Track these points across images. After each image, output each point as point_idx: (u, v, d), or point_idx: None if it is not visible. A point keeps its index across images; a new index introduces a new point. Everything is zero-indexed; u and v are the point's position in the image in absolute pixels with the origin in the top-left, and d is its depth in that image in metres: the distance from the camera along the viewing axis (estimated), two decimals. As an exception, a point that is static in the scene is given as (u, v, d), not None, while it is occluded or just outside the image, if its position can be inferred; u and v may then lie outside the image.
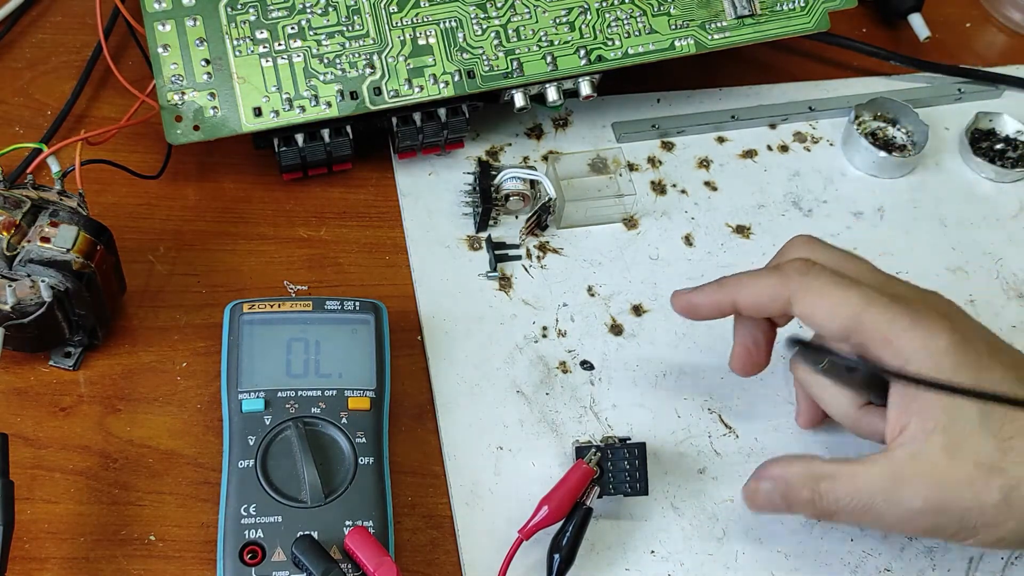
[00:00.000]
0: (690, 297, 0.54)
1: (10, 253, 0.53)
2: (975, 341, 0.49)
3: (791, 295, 0.51)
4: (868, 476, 0.49)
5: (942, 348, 0.48)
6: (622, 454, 0.55)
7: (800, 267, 0.51)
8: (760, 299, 0.52)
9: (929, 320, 0.49)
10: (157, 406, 0.57)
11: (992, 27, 0.82)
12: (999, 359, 0.49)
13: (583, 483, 0.54)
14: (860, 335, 0.49)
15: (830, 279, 0.50)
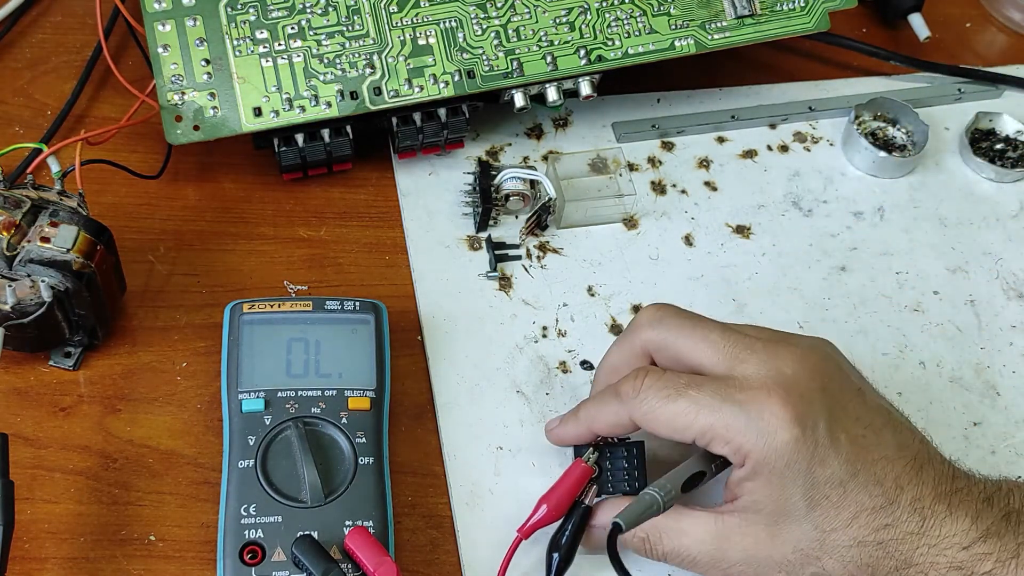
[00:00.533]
0: (558, 432, 0.56)
1: (10, 253, 0.53)
2: (817, 431, 0.49)
3: (632, 418, 0.52)
4: (695, 535, 0.51)
5: (778, 448, 0.49)
6: (620, 453, 0.55)
7: (630, 390, 0.52)
8: (612, 427, 0.54)
9: (768, 414, 0.49)
10: (157, 406, 0.57)
11: (992, 27, 0.82)
12: (839, 449, 0.49)
13: (581, 482, 0.54)
14: (702, 439, 0.50)
15: (658, 397, 0.51)
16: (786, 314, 0.64)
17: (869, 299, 0.65)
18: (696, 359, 0.52)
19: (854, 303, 0.65)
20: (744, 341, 0.52)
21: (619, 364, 0.55)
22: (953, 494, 0.49)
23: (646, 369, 0.52)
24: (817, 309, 0.64)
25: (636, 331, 0.54)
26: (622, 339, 0.55)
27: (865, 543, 0.49)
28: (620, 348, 0.55)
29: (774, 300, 0.64)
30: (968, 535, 0.48)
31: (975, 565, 0.48)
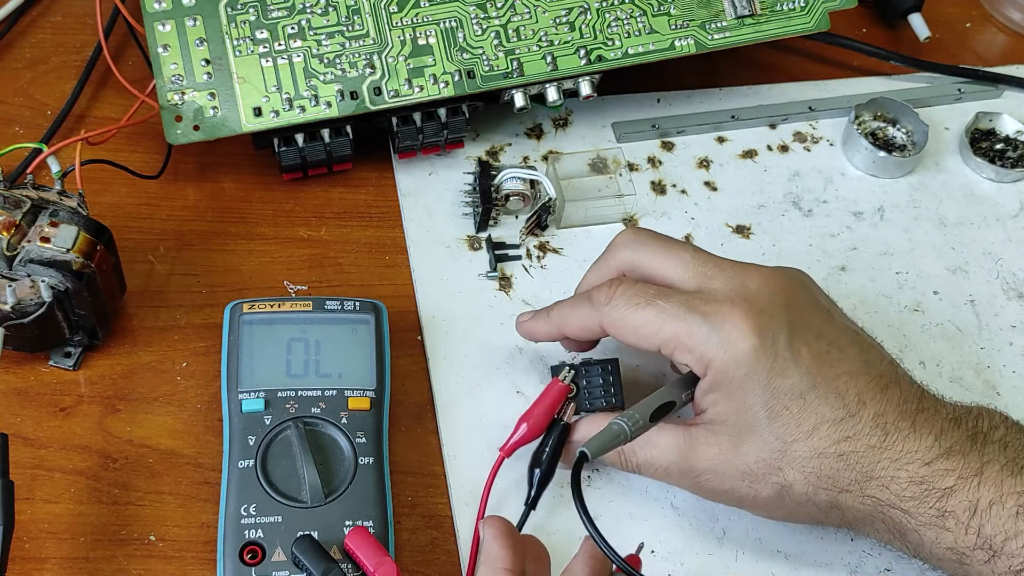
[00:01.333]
0: (528, 326, 0.58)
1: (10, 253, 0.53)
2: (777, 342, 0.51)
3: (602, 324, 0.54)
4: (664, 447, 0.53)
5: (738, 357, 0.50)
6: (596, 371, 0.57)
7: (603, 297, 0.54)
8: (582, 330, 0.55)
9: (729, 325, 0.51)
10: (157, 406, 0.57)
11: (992, 27, 0.82)
12: (799, 361, 0.51)
13: (559, 400, 0.56)
14: (666, 348, 0.52)
15: (628, 304, 0.53)
16: (786, 314, 0.64)
17: (869, 299, 0.65)
18: (667, 276, 0.54)
19: (854, 303, 0.65)
20: (714, 261, 0.54)
21: (596, 283, 0.56)
22: (919, 412, 0.51)
23: (620, 280, 0.54)
24: (817, 309, 0.64)
25: (612, 251, 0.56)
26: (599, 260, 0.57)
27: (825, 454, 0.50)
28: (597, 268, 0.57)
29: (774, 300, 0.64)
30: (931, 451, 0.49)
31: (936, 480, 0.49)
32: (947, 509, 0.49)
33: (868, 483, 0.50)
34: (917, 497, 0.49)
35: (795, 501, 0.51)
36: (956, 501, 0.49)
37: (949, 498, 0.49)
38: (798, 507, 0.52)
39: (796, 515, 0.52)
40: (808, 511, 0.52)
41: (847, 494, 0.50)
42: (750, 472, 0.51)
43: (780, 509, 0.52)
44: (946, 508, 0.49)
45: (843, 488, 0.50)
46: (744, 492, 0.52)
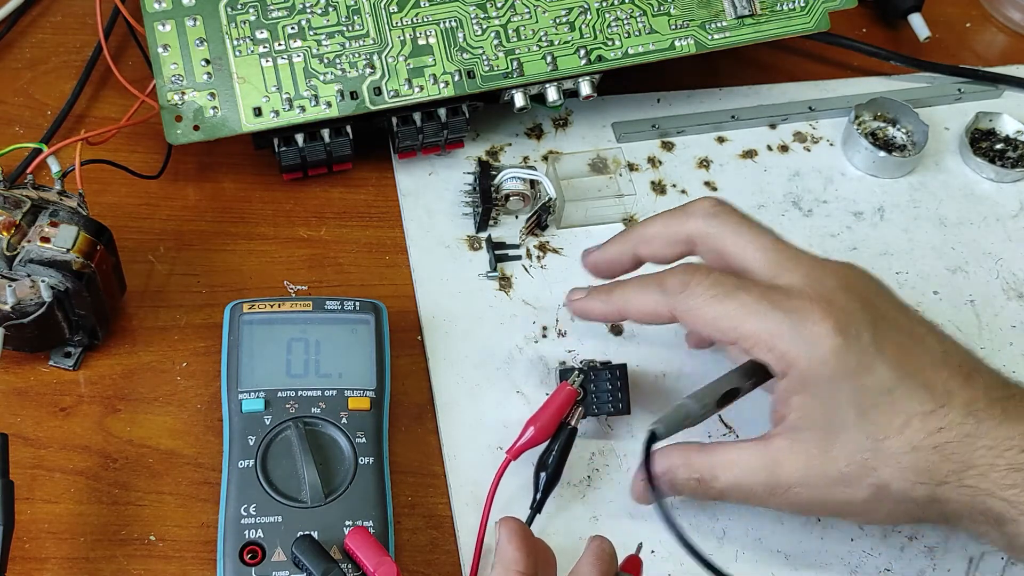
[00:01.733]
0: (583, 304, 0.56)
1: (10, 253, 0.53)
2: (861, 339, 0.49)
3: (673, 312, 0.52)
4: (747, 466, 0.51)
5: (822, 357, 0.49)
6: (604, 375, 0.57)
7: (678, 285, 0.52)
8: (648, 315, 0.54)
9: (811, 323, 0.49)
10: (157, 406, 0.57)
11: (992, 27, 0.82)
12: (884, 357, 0.49)
13: (567, 404, 0.56)
14: (745, 343, 0.51)
15: (706, 295, 0.51)
16: (786, 314, 0.64)
17: (869, 299, 0.65)
18: (744, 259, 0.52)
19: (854, 303, 0.65)
20: (792, 251, 0.52)
21: (656, 239, 0.54)
22: (1007, 400, 0.49)
23: (695, 267, 0.52)
24: (817, 309, 0.64)
25: (688, 217, 0.54)
26: (670, 218, 0.55)
27: (920, 448, 0.48)
28: (665, 226, 0.55)
29: (774, 300, 0.64)
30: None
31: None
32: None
33: (966, 473, 0.48)
34: (1018, 485, 0.48)
35: (893, 500, 0.49)
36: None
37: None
38: (896, 506, 0.50)
39: (895, 515, 0.51)
40: (907, 509, 0.50)
41: (945, 486, 0.49)
42: (843, 476, 0.49)
43: (878, 512, 0.50)
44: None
45: (941, 480, 0.49)
46: (839, 499, 0.50)
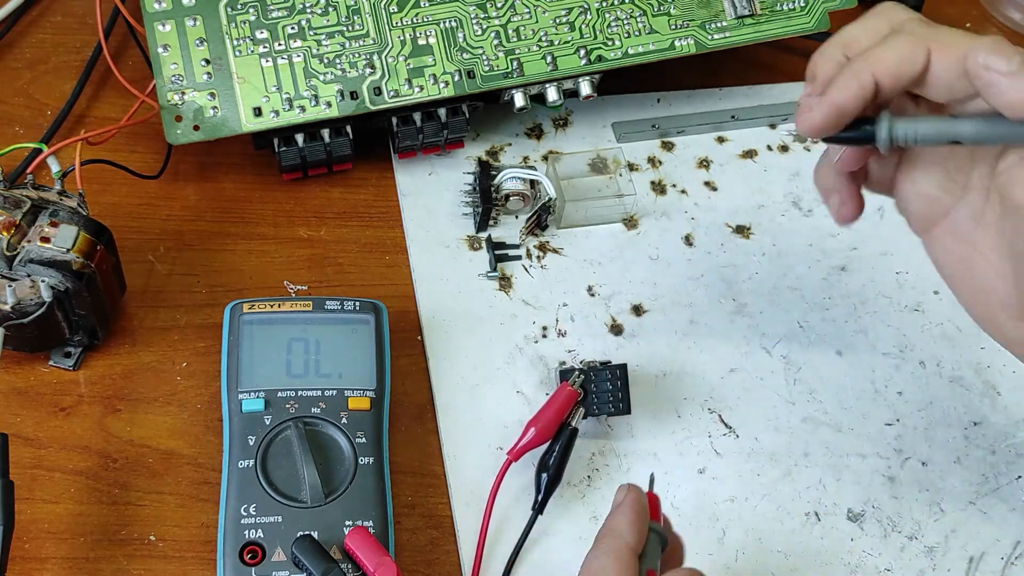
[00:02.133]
0: (831, 98, 0.48)
1: (10, 253, 0.53)
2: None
3: (930, 49, 0.48)
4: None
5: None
6: (605, 375, 0.57)
7: (920, 23, 0.48)
8: (901, 66, 0.47)
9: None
10: (157, 406, 0.57)
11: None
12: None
13: (568, 405, 0.56)
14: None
15: (950, 30, 0.48)
16: (786, 314, 0.64)
17: (869, 299, 0.65)
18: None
19: (854, 303, 0.65)
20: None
21: (887, 43, 0.48)
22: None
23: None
24: (817, 309, 0.64)
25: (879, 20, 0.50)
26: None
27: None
28: (885, 41, 0.48)
29: (774, 300, 0.64)
30: None
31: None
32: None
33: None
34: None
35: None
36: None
37: None
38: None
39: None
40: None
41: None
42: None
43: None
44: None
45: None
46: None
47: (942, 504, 0.58)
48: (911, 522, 0.57)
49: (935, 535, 0.57)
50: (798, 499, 0.58)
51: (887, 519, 0.57)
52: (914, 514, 0.58)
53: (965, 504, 0.58)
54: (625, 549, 0.45)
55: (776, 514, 0.57)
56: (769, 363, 0.62)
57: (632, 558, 0.45)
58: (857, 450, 0.59)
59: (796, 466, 0.59)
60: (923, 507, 0.58)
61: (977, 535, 0.57)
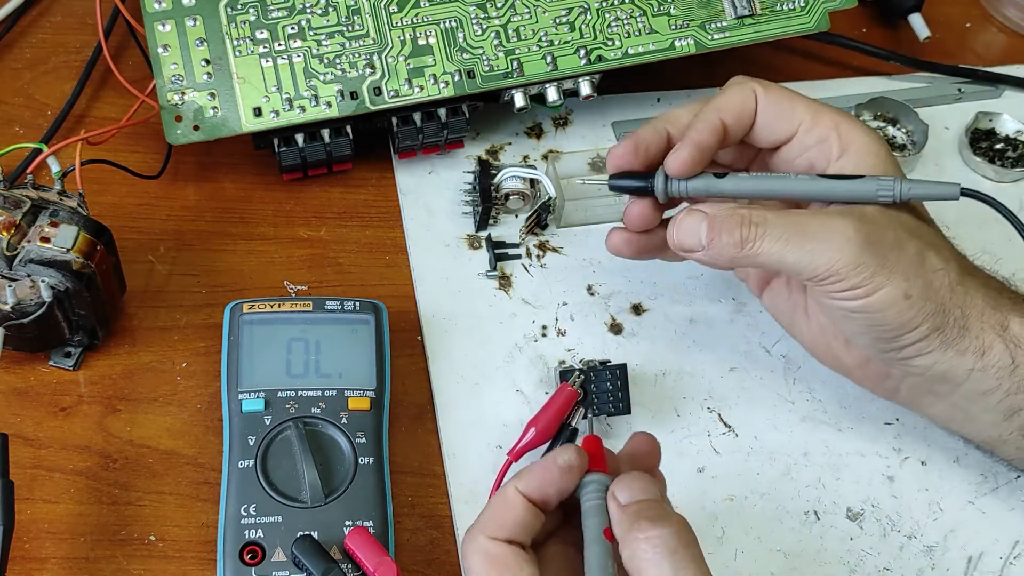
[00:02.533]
0: (692, 138, 0.55)
1: (10, 253, 0.54)
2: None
3: (759, 100, 0.56)
4: (801, 219, 0.52)
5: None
6: (604, 376, 0.57)
7: (747, 78, 0.57)
8: (742, 106, 0.56)
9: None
10: (157, 406, 0.57)
11: (992, 27, 0.82)
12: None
13: (568, 405, 0.56)
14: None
15: (780, 89, 0.57)
16: (786, 314, 0.64)
17: (869, 299, 0.65)
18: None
19: (854, 303, 0.65)
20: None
21: (685, 116, 0.56)
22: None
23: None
24: (817, 309, 0.64)
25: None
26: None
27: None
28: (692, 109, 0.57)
29: (774, 300, 0.64)
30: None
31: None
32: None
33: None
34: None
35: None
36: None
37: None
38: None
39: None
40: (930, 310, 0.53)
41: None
42: (897, 239, 0.53)
43: (917, 279, 0.52)
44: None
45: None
46: (889, 244, 0.52)
47: (941, 504, 0.58)
48: (910, 521, 0.57)
49: (934, 534, 0.57)
50: (797, 498, 0.58)
51: (886, 518, 0.57)
52: (913, 513, 0.58)
53: (964, 504, 0.58)
54: (508, 489, 0.45)
55: (775, 513, 0.57)
56: (769, 362, 0.62)
57: (515, 497, 0.45)
58: (856, 449, 0.59)
59: (795, 465, 0.59)
60: (922, 506, 0.58)
61: (976, 535, 0.57)
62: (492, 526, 0.45)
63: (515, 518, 0.45)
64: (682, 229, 0.54)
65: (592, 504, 0.45)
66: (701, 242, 0.53)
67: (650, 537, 0.43)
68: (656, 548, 0.43)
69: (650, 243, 0.58)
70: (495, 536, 0.44)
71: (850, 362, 0.57)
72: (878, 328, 0.53)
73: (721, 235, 0.52)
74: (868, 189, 0.53)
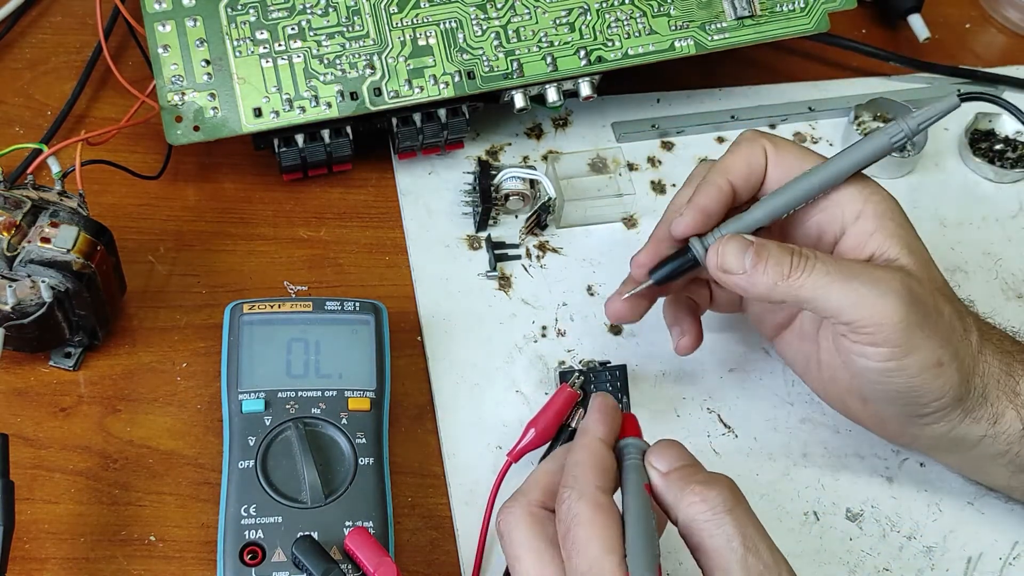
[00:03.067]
0: (696, 203, 0.54)
1: (10, 253, 0.54)
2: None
3: (768, 157, 0.54)
4: (850, 263, 0.51)
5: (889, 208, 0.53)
6: (604, 376, 0.58)
7: (758, 134, 0.55)
8: (750, 166, 0.54)
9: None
10: (157, 406, 0.57)
11: (992, 27, 0.82)
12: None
13: (568, 406, 0.56)
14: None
15: (792, 145, 0.55)
16: (785, 314, 0.64)
17: (868, 299, 0.65)
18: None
19: (853, 303, 0.65)
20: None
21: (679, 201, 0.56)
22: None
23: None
24: (816, 309, 0.64)
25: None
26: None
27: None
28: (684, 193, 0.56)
29: (773, 300, 0.64)
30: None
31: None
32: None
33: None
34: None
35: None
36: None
37: None
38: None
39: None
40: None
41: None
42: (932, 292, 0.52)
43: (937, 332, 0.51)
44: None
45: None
46: (929, 303, 0.51)
47: (940, 504, 0.58)
48: (910, 522, 0.58)
49: (934, 535, 0.57)
50: (797, 499, 0.58)
51: (886, 519, 0.58)
52: (912, 514, 0.58)
53: (963, 504, 0.58)
54: (597, 443, 0.47)
55: (775, 513, 0.57)
56: (768, 363, 0.62)
57: (602, 448, 0.47)
58: (855, 450, 0.59)
59: (795, 466, 0.59)
60: (921, 507, 0.58)
61: (975, 535, 0.57)
62: (596, 478, 0.45)
63: (613, 466, 0.47)
64: (727, 251, 0.52)
65: (632, 463, 0.47)
66: (744, 265, 0.51)
67: (707, 499, 0.44)
68: (715, 509, 0.44)
69: (649, 304, 0.58)
70: (602, 487, 0.45)
71: (864, 417, 0.56)
72: (904, 392, 0.51)
73: (768, 261, 0.51)
74: (882, 141, 0.52)
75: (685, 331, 0.58)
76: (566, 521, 0.44)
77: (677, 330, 0.58)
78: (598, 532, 0.44)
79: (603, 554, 0.43)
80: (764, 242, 0.51)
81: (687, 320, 0.58)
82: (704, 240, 0.54)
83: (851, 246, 0.52)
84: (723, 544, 0.44)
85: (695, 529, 0.45)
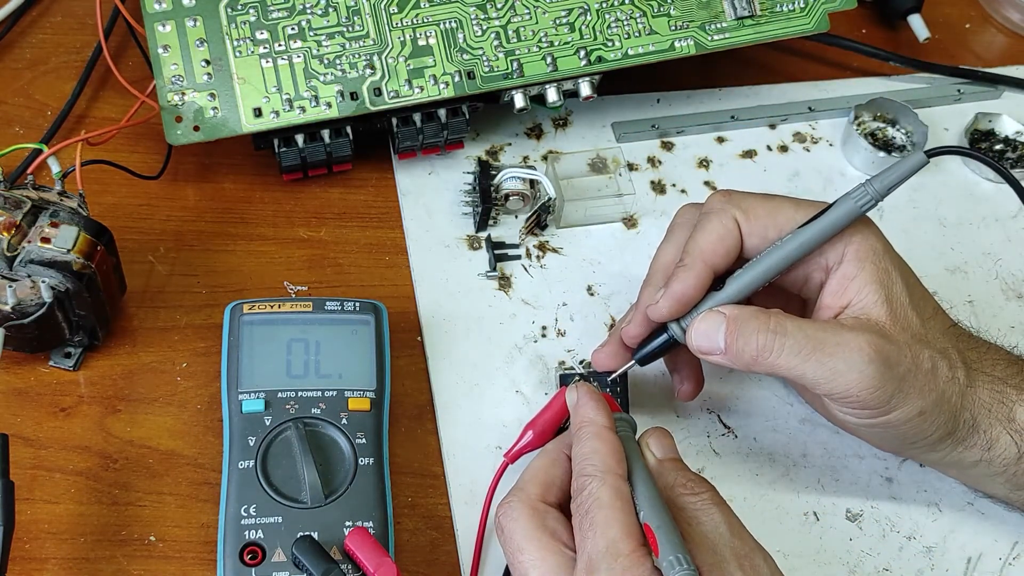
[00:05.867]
0: (672, 290, 0.54)
1: (10, 253, 0.54)
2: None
3: (741, 227, 0.54)
4: (820, 334, 0.51)
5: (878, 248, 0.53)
6: (604, 381, 0.57)
7: (726, 202, 0.54)
8: (724, 244, 0.54)
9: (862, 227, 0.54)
10: (157, 406, 0.57)
11: (992, 28, 0.82)
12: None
13: (566, 409, 0.55)
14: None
15: (762, 204, 0.54)
16: (785, 314, 0.64)
17: (868, 299, 0.65)
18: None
19: (853, 303, 0.65)
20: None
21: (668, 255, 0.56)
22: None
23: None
24: (816, 309, 0.64)
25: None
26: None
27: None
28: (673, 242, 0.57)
29: (773, 300, 0.64)
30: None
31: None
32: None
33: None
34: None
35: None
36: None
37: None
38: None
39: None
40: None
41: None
42: (908, 345, 0.52)
43: (932, 391, 0.52)
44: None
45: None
46: (908, 365, 0.52)
47: (940, 504, 0.58)
48: (909, 522, 0.58)
49: (933, 535, 0.57)
50: (797, 499, 0.58)
51: (885, 519, 0.58)
52: (912, 514, 0.58)
53: (963, 504, 0.58)
54: (604, 431, 0.50)
55: (775, 514, 0.57)
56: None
57: (611, 435, 0.50)
58: (855, 451, 0.59)
59: (795, 466, 0.59)
60: (921, 507, 0.58)
61: (975, 535, 0.57)
62: (617, 465, 0.48)
63: (624, 452, 0.49)
64: (699, 333, 0.53)
65: (625, 435, 0.51)
66: (719, 346, 0.52)
67: (697, 492, 0.49)
68: (705, 501, 0.48)
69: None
70: (622, 475, 0.48)
71: (868, 440, 0.57)
72: (892, 436, 0.54)
73: (738, 341, 0.51)
74: (848, 208, 0.52)
75: (685, 378, 0.58)
76: (586, 504, 0.47)
77: (677, 377, 0.58)
78: (618, 516, 0.46)
79: (623, 536, 0.46)
80: (737, 316, 0.52)
81: (687, 367, 0.58)
82: (682, 321, 0.54)
83: (833, 291, 0.53)
84: (711, 529, 0.47)
85: (684, 516, 0.48)
